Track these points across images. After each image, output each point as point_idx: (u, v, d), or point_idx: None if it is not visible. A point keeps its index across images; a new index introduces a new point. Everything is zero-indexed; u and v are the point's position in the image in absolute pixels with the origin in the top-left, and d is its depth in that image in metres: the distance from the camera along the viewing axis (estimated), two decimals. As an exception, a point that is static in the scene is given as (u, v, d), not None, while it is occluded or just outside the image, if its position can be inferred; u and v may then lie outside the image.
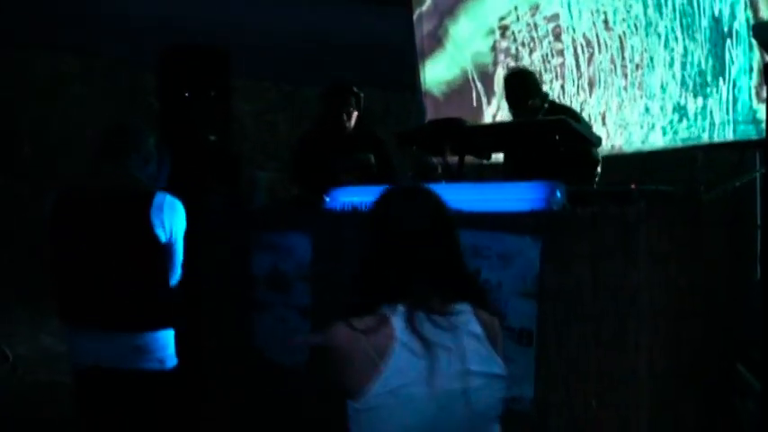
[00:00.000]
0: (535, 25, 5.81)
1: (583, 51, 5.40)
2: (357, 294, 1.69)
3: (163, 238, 2.86)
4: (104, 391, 2.87)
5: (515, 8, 5.98)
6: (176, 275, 3.01)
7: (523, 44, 5.93)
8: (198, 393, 4.00)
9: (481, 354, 1.69)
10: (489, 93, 6.37)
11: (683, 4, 4.61)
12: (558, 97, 5.49)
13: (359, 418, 1.58)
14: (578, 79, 5.45)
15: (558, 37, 5.59)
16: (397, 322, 1.60)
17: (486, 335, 1.73)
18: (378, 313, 1.63)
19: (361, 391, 1.56)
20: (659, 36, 4.78)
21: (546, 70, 5.70)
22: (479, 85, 6.46)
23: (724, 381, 2.93)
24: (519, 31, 5.96)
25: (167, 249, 2.91)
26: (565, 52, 5.53)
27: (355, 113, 4.55)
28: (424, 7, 6.99)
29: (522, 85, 4.19)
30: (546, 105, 4.13)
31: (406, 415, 1.56)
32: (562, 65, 5.57)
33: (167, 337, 2.92)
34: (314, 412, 3.34)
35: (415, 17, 7.09)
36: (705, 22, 4.48)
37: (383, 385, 1.56)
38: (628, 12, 5.01)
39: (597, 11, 5.25)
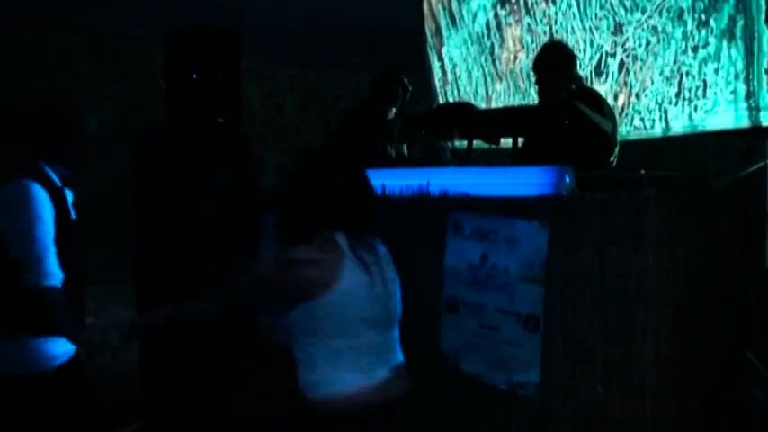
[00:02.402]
0: (550, 16, 5.79)
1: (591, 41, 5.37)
2: (310, 225, 2.35)
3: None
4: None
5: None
6: (36, 275, 2.67)
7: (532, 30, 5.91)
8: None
9: (390, 266, 2.46)
10: (495, 75, 6.35)
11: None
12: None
13: (325, 309, 2.26)
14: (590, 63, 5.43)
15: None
16: (343, 245, 2.31)
17: (387, 253, 2.48)
18: (326, 238, 2.31)
19: (329, 289, 2.25)
20: (675, 19, 4.74)
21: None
22: (488, 66, 6.44)
23: (731, 368, 2.93)
24: (529, 16, 5.94)
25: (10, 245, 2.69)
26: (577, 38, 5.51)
27: (398, 104, 4.66)
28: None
29: (551, 54, 4.09)
30: (573, 87, 4.02)
31: (354, 307, 2.29)
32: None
33: (15, 343, 2.72)
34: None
35: (425, 2, 7.07)
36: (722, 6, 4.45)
37: (341, 285, 2.26)
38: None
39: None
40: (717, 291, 2.78)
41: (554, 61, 4.02)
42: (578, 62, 5.14)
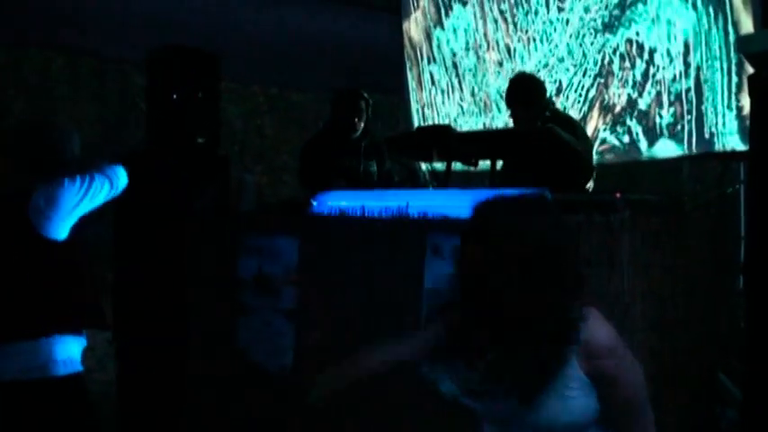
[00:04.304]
0: (528, 38, 5.85)
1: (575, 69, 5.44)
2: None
3: (52, 234, 2.77)
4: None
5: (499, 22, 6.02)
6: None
7: (510, 53, 5.97)
8: (177, 397, 4.01)
9: None
10: (472, 98, 6.40)
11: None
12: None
13: None
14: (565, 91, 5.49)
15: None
16: None
17: None
18: None
19: None
20: (654, 43, 4.81)
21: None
22: (467, 92, 6.49)
23: (705, 389, 2.96)
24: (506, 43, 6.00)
25: (59, 245, 2.79)
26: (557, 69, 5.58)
27: (364, 119, 4.58)
28: (412, 18, 7.04)
29: (523, 89, 4.14)
30: (548, 113, 4.07)
31: None
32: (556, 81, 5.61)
33: (50, 344, 2.76)
34: (297, 417, 3.34)
35: (404, 26, 7.13)
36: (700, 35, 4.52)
37: None
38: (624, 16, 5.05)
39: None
40: (691, 313, 2.81)
41: (525, 95, 4.09)
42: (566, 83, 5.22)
